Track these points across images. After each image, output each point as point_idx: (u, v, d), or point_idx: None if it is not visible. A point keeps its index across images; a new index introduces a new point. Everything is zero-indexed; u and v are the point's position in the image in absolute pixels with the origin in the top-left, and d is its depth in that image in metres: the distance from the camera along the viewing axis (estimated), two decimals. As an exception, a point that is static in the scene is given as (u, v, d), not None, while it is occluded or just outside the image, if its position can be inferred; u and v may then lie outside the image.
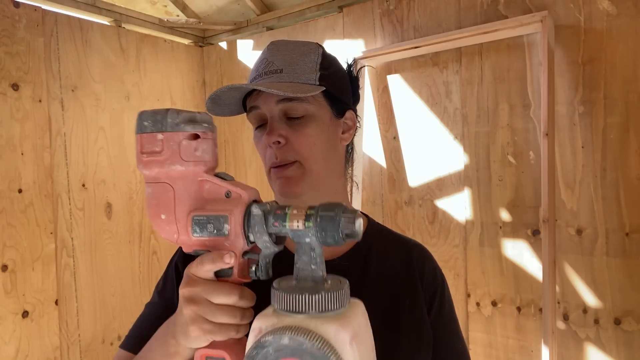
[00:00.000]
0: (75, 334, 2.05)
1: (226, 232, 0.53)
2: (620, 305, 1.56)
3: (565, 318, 1.65)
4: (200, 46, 2.70)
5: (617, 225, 1.56)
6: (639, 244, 1.52)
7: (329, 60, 0.79)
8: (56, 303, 1.98)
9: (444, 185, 1.90)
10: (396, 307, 0.78)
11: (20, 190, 1.88)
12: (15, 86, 1.88)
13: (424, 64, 1.94)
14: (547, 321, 1.53)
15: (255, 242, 0.54)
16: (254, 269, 0.55)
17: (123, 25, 2.29)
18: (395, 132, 2.02)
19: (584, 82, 1.60)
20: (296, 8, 2.30)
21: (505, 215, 1.77)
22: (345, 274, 0.56)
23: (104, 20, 2.24)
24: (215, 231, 0.53)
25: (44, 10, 1.98)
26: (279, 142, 0.73)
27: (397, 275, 0.80)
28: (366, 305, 0.54)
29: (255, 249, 0.56)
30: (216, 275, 0.55)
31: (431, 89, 1.93)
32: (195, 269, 0.55)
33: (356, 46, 2.11)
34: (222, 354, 0.55)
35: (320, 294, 0.48)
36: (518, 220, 1.74)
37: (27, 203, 1.90)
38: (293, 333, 0.45)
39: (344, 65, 0.84)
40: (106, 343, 2.16)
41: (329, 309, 0.48)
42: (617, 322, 1.56)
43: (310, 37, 2.25)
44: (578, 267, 1.62)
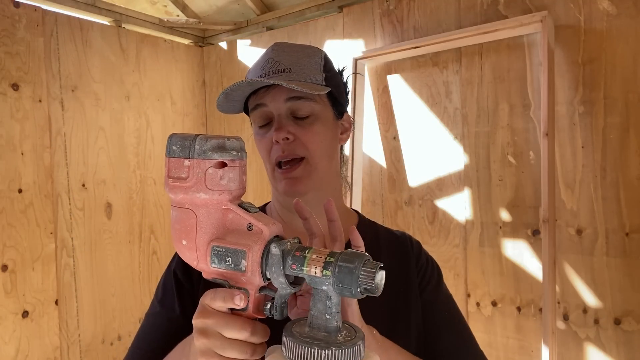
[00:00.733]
0: (75, 334, 2.05)
1: (243, 269, 0.52)
2: (620, 305, 1.56)
3: (565, 318, 1.65)
4: (200, 46, 2.70)
5: (617, 225, 1.56)
6: (639, 244, 1.52)
7: (330, 63, 0.82)
8: (56, 303, 1.98)
9: (444, 185, 1.90)
10: (392, 299, 0.78)
11: (20, 190, 1.88)
12: (15, 86, 1.88)
13: (424, 64, 1.94)
14: (547, 321, 1.53)
15: (273, 284, 0.53)
16: (269, 306, 0.54)
17: (123, 25, 2.29)
18: (395, 132, 2.02)
19: (584, 82, 1.60)
20: (296, 8, 2.30)
21: (505, 215, 1.76)
22: None
23: (104, 20, 2.24)
24: (232, 265, 0.52)
25: (44, 10, 1.98)
26: (287, 139, 0.74)
27: (392, 267, 0.81)
28: (365, 300, 0.54)
29: (273, 286, 0.54)
30: (231, 308, 0.54)
31: (431, 89, 1.92)
32: (209, 301, 0.54)
33: (356, 46, 2.11)
34: None
35: (331, 349, 0.46)
36: (518, 220, 1.74)
37: (27, 203, 1.90)
38: None
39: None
40: (106, 343, 2.16)
41: None
42: (617, 322, 1.56)
43: (310, 37, 2.25)
44: (578, 267, 1.62)
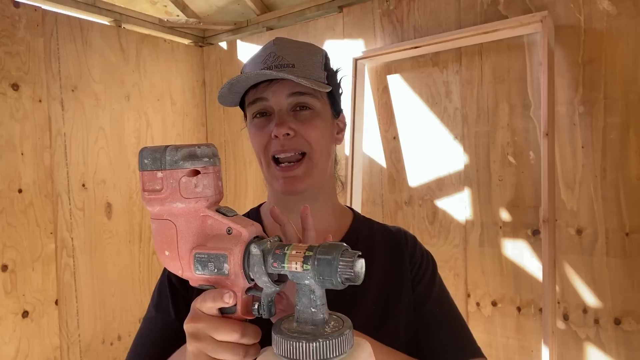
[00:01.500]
0: (75, 334, 2.05)
1: (226, 272, 0.53)
2: (620, 305, 1.56)
3: (565, 318, 1.65)
4: (200, 46, 2.70)
5: (617, 225, 1.56)
6: (639, 244, 1.52)
7: (330, 63, 0.82)
8: (56, 303, 1.98)
9: (444, 185, 1.90)
10: (385, 296, 0.78)
11: (20, 190, 1.88)
12: (15, 86, 1.88)
13: (424, 64, 1.94)
14: (547, 321, 1.53)
15: (257, 284, 0.53)
16: (256, 306, 0.54)
17: (123, 25, 2.29)
18: (395, 132, 2.02)
19: (584, 82, 1.60)
20: (296, 8, 2.30)
21: (505, 215, 1.76)
22: None
23: (104, 20, 2.24)
24: (216, 270, 0.53)
25: (44, 10, 1.98)
26: (287, 134, 0.73)
27: (386, 262, 0.81)
28: (357, 296, 0.54)
29: (258, 286, 0.55)
30: (220, 311, 0.54)
31: (431, 89, 1.92)
32: (199, 304, 0.54)
33: (356, 46, 2.11)
34: None
35: (318, 342, 0.46)
36: (518, 220, 1.74)
37: (27, 203, 1.90)
38: None
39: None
40: (106, 343, 2.16)
41: (328, 357, 0.47)
42: (617, 322, 1.56)
43: (310, 37, 2.25)
44: (578, 267, 1.62)
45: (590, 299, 1.61)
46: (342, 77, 0.86)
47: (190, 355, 0.54)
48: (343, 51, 2.12)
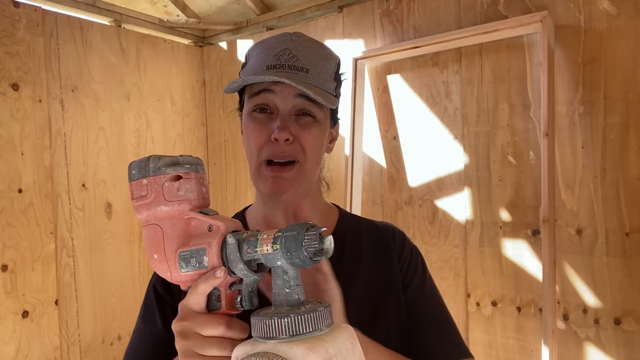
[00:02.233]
0: (75, 334, 2.05)
1: (206, 264, 0.54)
2: (620, 305, 1.56)
3: (565, 318, 1.65)
4: (200, 46, 2.70)
5: (617, 225, 1.56)
6: (639, 244, 1.52)
7: (340, 71, 0.81)
8: (56, 303, 1.98)
9: (444, 185, 1.90)
10: (372, 293, 0.77)
11: (20, 190, 1.88)
12: (15, 86, 1.88)
13: (424, 64, 1.94)
14: (547, 321, 1.53)
15: (236, 273, 0.54)
16: (239, 299, 0.56)
17: (123, 25, 2.29)
18: (395, 132, 2.02)
19: (584, 82, 1.60)
20: (296, 8, 2.29)
21: (505, 215, 1.76)
22: None
23: (104, 20, 2.24)
24: (197, 265, 0.55)
25: (44, 10, 1.98)
26: (287, 140, 0.72)
27: (374, 260, 0.80)
28: (344, 294, 0.54)
29: (242, 280, 0.56)
30: (208, 309, 0.56)
31: (431, 89, 1.92)
32: (189, 297, 0.55)
33: (356, 46, 2.11)
34: None
35: (290, 317, 0.47)
36: (518, 220, 1.74)
37: (27, 203, 1.90)
38: (258, 359, 0.45)
39: None
40: (106, 343, 2.16)
41: (301, 332, 0.47)
42: (617, 322, 1.56)
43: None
44: (578, 267, 1.62)
45: (590, 299, 1.61)
46: (344, 80, 0.84)
47: (180, 354, 0.55)
48: (343, 51, 2.12)
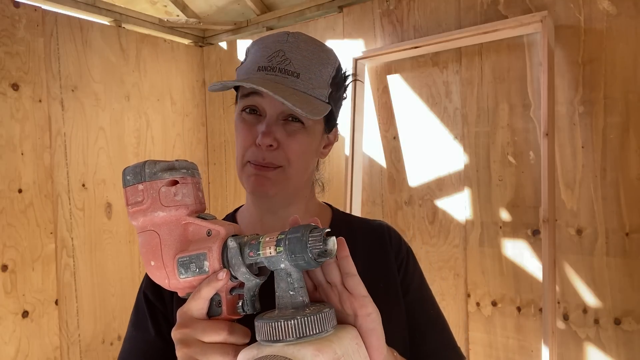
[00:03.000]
0: (75, 334, 2.05)
1: (207, 269, 0.53)
2: (620, 305, 1.56)
3: (565, 318, 1.65)
4: (200, 46, 2.70)
5: (617, 225, 1.56)
6: (639, 244, 1.52)
7: (339, 76, 0.77)
8: (56, 303, 1.98)
9: (444, 185, 1.90)
10: (370, 293, 0.77)
11: (20, 190, 1.88)
12: (15, 86, 1.88)
13: (424, 64, 1.94)
14: (547, 321, 1.53)
15: (237, 277, 0.54)
16: (240, 304, 0.55)
17: (123, 25, 2.29)
18: (395, 132, 2.02)
19: (584, 82, 1.60)
20: (296, 8, 2.29)
21: (505, 215, 1.76)
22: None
23: (104, 20, 2.24)
24: (197, 270, 0.54)
25: (44, 10, 1.98)
26: (271, 146, 0.71)
27: (369, 261, 0.79)
28: None
29: (242, 285, 0.55)
30: (208, 315, 0.55)
31: (431, 89, 1.92)
32: (190, 303, 0.54)
33: (356, 46, 2.11)
34: None
35: (297, 319, 0.47)
36: (518, 220, 1.74)
37: (27, 203, 1.90)
38: None
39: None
40: (106, 343, 2.16)
41: (308, 334, 0.47)
42: (617, 322, 1.56)
43: (310, 37, 2.25)
44: (578, 267, 1.62)
45: (590, 299, 1.61)
46: (349, 84, 0.82)
47: None
48: (343, 51, 2.12)
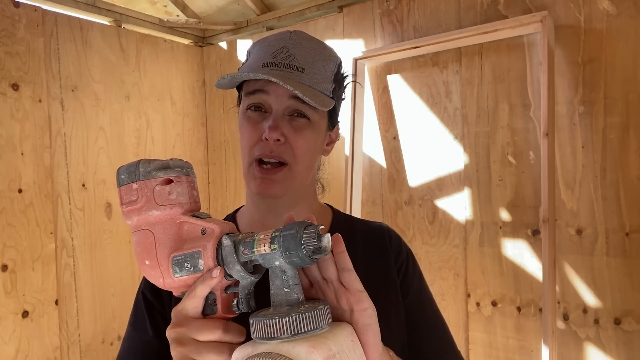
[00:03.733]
0: (75, 334, 2.05)
1: (201, 268, 0.53)
2: (620, 305, 1.56)
3: (565, 318, 1.65)
4: (200, 46, 2.70)
5: (617, 225, 1.56)
6: (639, 244, 1.52)
7: (341, 73, 0.78)
8: (56, 303, 1.98)
9: (444, 185, 1.90)
10: (370, 295, 0.77)
11: (20, 190, 1.88)
12: (15, 86, 1.88)
13: (424, 64, 1.94)
14: (547, 321, 1.53)
15: (232, 275, 0.53)
16: (235, 302, 0.55)
17: (123, 25, 2.29)
18: (395, 132, 2.02)
19: (584, 82, 1.60)
20: (296, 8, 2.29)
21: (505, 215, 1.76)
22: None
23: (104, 20, 2.24)
24: (192, 268, 0.54)
25: (44, 10, 1.98)
26: (278, 140, 0.71)
27: (369, 263, 0.79)
28: None
29: (237, 283, 0.55)
30: (203, 314, 0.55)
31: (431, 89, 1.92)
32: (185, 302, 0.54)
33: (356, 46, 2.11)
34: None
35: (291, 316, 0.47)
36: (518, 220, 1.74)
37: (27, 203, 1.90)
38: (262, 359, 0.45)
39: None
40: (106, 343, 2.16)
41: (302, 331, 0.47)
42: (617, 322, 1.56)
43: (310, 37, 2.25)
44: (578, 267, 1.62)
45: (590, 299, 1.61)
46: (347, 84, 0.82)
47: None
48: (343, 51, 2.12)
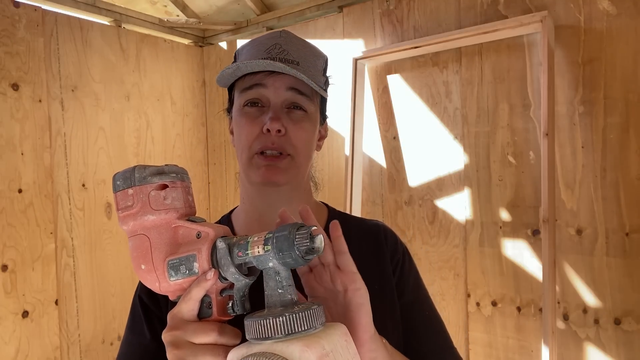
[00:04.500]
0: (75, 334, 2.05)
1: (196, 271, 0.54)
2: (620, 305, 1.56)
3: (565, 318, 1.65)
4: (200, 46, 2.70)
5: (617, 225, 1.55)
6: (639, 244, 1.52)
7: (327, 69, 0.81)
8: (56, 303, 1.98)
9: (444, 185, 1.90)
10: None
11: (20, 190, 1.88)
12: (15, 86, 1.88)
13: (424, 64, 1.94)
14: (547, 321, 1.53)
15: (227, 278, 0.54)
16: (230, 305, 0.55)
17: (123, 25, 2.29)
18: (395, 132, 2.02)
19: (584, 82, 1.60)
20: (296, 8, 2.29)
21: (505, 215, 1.76)
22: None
23: (104, 20, 2.24)
24: (187, 272, 0.54)
25: (44, 10, 1.98)
26: (279, 131, 0.71)
27: (364, 261, 0.78)
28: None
29: (233, 286, 0.56)
30: (199, 317, 0.55)
31: (431, 89, 1.92)
32: (181, 305, 0.54)
33: (356, 46, 2.11)
34: None
35: (284, 316, 0.47)
36: (518, 220, 1.74)
37: (27, 203, 1.90)
38: (256, 359, 0.45)
39: None
40: (106, 343, 2.16)
41: (296, 330, 0.47)
42: (617, 322, 1.56)
43: (310, 37, 2.25)
44: (578, 267, 1.62)
45: (590, 299, 1.61)
46: (331, 85, 0.84)
47: None
48: (343, 51, 2.12)
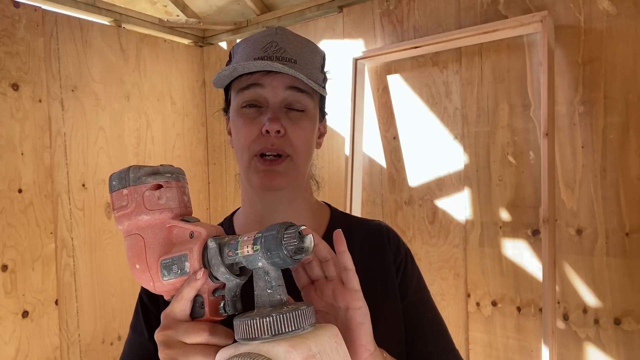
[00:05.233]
0: (75, 334, 2.05)
1: (188, 270, 0.54)
2: (620, 305, 1.56)
3: (565, 318, 1.65)
4: (200, 46, 2.70)
5: (617, 225, 1.55)
6: (639, 244, 1.52)
7: (325, 65, 0.80)
8: (56, 303, 1.98)
9: (444, 185, 1.90)
10: (367, 295, 0.75)
11: (20, 190, 1.88)
12: (15, 86, 1.88)
13: (424, 64, 1.94)
14: (547, 321, 1.53)
15: (218, 277, 0.54)
16: (222, 305, 0.55)
17: (123, 25, 2.29)
18: (395, 132, 2.02)
19: (584, 82, 1.60)
20: (296, 8, 2.29)
21: (505, 215, 1.76)
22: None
23: (104, 20, 2.24)
24: (179, 271, 0.55)
25: (44, 10, 1.98)
26: (278, 132, 0.70)
27: (367, 262, 0.78)
28: None
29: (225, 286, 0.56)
30: (191, 317, 0.55)
31: (431, 89, 1.92)
32: (173, 305, 0.54)
33: (356, 46, 2.11)
34: None
35: (272, 316, 0.47)
36: (518, 220, 1.74)
37: (27, 203, 1.90)
38: (241, 359, 0.45)
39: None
40: (106, 343, 2.16)
41: (283, 331, 0.47)
42: (617, 322, 1.56)
43: (310, 37, 2.24)
44: (578, 267, 1.62)
45: (590, 299, 1.61)
46: (328, 80, 0.83)
47: None
48: (343, 51, 2.12)
